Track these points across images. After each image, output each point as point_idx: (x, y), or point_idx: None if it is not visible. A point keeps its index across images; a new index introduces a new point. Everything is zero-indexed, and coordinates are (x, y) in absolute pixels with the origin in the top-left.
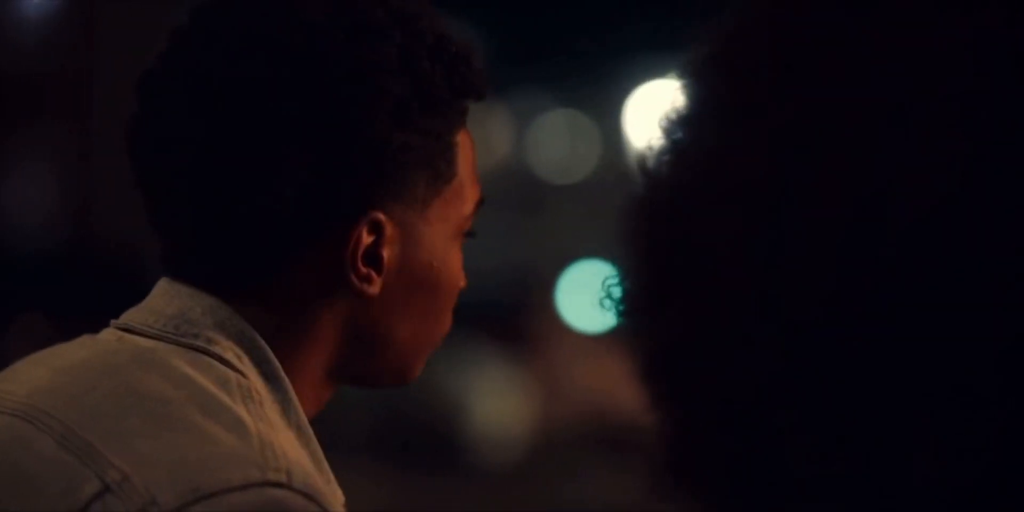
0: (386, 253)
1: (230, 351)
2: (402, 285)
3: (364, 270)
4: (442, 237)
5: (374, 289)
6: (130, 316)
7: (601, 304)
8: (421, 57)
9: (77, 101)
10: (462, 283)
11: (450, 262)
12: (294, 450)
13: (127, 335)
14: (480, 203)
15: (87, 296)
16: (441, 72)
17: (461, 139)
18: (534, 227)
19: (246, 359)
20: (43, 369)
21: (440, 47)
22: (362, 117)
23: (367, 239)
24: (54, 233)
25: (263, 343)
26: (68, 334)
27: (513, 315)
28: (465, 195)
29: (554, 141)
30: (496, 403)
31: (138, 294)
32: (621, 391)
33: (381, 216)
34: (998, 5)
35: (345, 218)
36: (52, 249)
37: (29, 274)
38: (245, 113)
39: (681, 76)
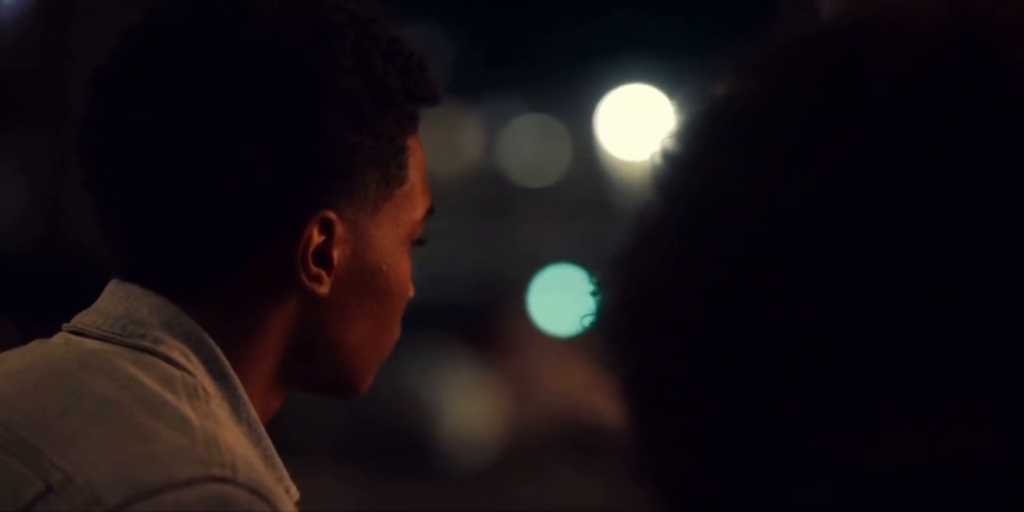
0: (336, 254)
1: (176, 350)
2: (351, 288)
3: (314, 270)
4: (392, 242)
5: (324, 289)
6: (80, 318)
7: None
8: (375, 58)
9: (50, 103)
10: (411, 292)
11: (399, 268)
12: (242, 446)
13: (74, 337)
14: (430, 211)
15: (57, 300)
16: (395, 74)
17: (413, 145)
18: (506, 230)
19: (193, 357)
20: None
21: (394, 50)
22: (315, 114)
23: (318, 238)
24: (25, 236)
25: (211, 341)
26: (37, 338)
27: (484, 318)
28: (415, 201)
29: (526, 145)
30: (466, 406)
31: None
32: (591, 394)
33: (332, 215)
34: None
35: (297, 216)
36: (22, 252)
37: None
38: (199, 111)
39: (684, 128)
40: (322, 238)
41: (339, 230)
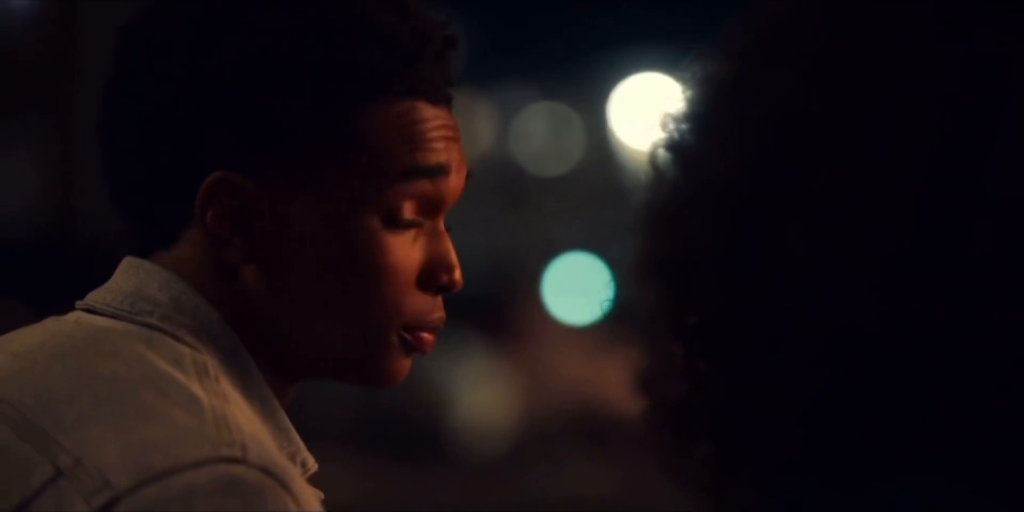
0: (256, 221)
1: (185, 327)
2: (292, 260)
3: (219, 232)
4: (344, 213)
5: (236, 255)
6: (92, 296)
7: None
8: (303, 28)
9: (60, 90)
10: (449, 276)
11: (367, 243)
12: (252, 424)
13: (85, 315)
14: (406, 176)
15: (69, 284)
16: (331, 47)
17: (381, 115)
18: (519, 219)
19: (203, 334)
20: (2, 355)
21: (342, 24)
22: (212, 80)
23: (224, 201)
24: (35, 221)
25: (219, 316)
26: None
27: (498, 307)
28: (378, 171)
29: (539, 133)
30: (480, 395)
31: None
32: (606, 384)
33: (236, 178)
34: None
35: (192, 176)
36: (33, 237)
37: (8, 261)
38: (133, 73)
39: (691, 87)
40: (233, 202)
41: (252, 196)
